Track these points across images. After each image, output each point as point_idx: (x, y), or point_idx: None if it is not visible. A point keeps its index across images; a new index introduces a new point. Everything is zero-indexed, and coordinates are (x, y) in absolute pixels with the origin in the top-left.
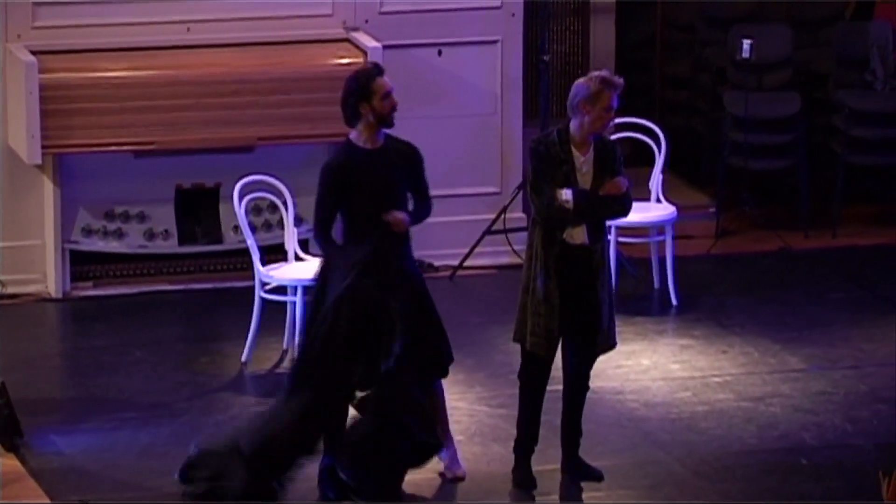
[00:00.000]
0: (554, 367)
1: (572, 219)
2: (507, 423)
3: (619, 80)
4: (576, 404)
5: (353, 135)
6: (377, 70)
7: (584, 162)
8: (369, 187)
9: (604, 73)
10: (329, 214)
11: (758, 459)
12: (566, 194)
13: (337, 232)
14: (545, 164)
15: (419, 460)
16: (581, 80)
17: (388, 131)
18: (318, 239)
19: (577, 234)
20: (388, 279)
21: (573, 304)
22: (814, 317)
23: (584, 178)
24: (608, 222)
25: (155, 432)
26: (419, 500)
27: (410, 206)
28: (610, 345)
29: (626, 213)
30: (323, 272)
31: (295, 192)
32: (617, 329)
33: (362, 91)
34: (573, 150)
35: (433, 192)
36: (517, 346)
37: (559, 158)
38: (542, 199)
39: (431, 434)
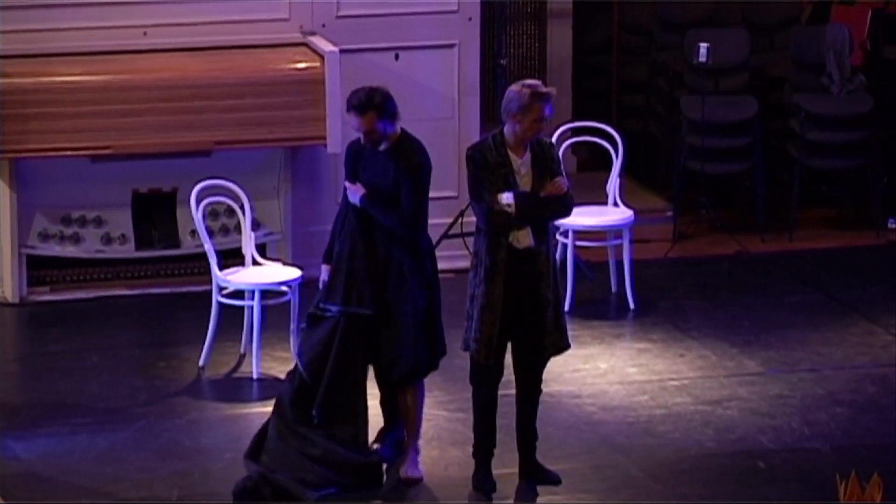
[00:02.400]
0: (509, 370)
1: (516, 222)
2: (465, 427)
3: (550, 91)
4: (529, 407)
5: None
6: (363, 106)
7: (522, 164)
8: (362, 180)
9: (534, 84)
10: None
11: (715, 463)
12: (507, 198)
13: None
14: (482, 169)
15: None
16: (513, 87)
17: (415, 135)
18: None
19: (523, 238)
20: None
21: (519, 308)
22: (771, 320)
23: (524, 180)
24: (564, 226)
25: (112, 437)
26: None
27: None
28: (562, 346)
29: (568, 213)
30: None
31: (252, 196)
32: (574, 333)
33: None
34: (510, 153)
35: None
36: None
37: (496, 162)
38: (482, 206)
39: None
